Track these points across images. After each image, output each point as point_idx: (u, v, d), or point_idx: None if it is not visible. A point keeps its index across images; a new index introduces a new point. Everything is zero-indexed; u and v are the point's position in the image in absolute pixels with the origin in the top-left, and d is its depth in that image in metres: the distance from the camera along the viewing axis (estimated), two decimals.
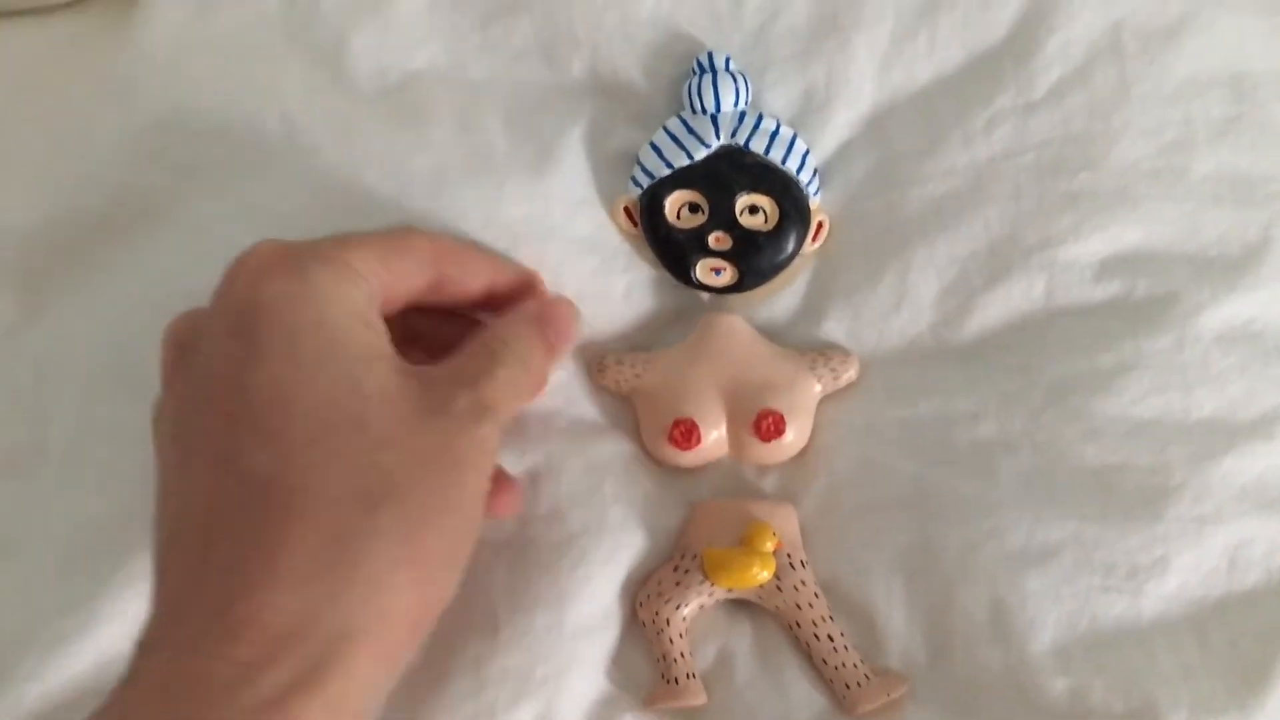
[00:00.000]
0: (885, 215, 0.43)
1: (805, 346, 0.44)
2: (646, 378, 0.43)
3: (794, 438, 0.42)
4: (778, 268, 0.43)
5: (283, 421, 0.29)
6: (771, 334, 0.44)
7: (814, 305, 0.44)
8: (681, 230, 0.42)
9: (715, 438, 0.42)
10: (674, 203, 0.43)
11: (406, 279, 0.34)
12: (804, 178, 0.43)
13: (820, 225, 0.43)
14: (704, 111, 0.42)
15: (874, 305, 0.43)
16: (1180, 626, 0.38)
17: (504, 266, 0.39)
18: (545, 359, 0.35)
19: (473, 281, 0.37)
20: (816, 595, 0.41)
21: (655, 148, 0.43)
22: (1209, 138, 0.42)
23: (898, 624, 0.40)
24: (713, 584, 0.40)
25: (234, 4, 0.45)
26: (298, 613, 0.27)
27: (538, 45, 0.44)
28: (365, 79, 0.44)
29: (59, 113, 0.47)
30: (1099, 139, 0.42)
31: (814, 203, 0.43)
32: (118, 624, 0.36)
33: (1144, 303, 0.41)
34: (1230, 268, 0.41)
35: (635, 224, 0.43)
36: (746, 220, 0.42)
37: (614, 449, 0.43)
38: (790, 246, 0.42)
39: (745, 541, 0.41)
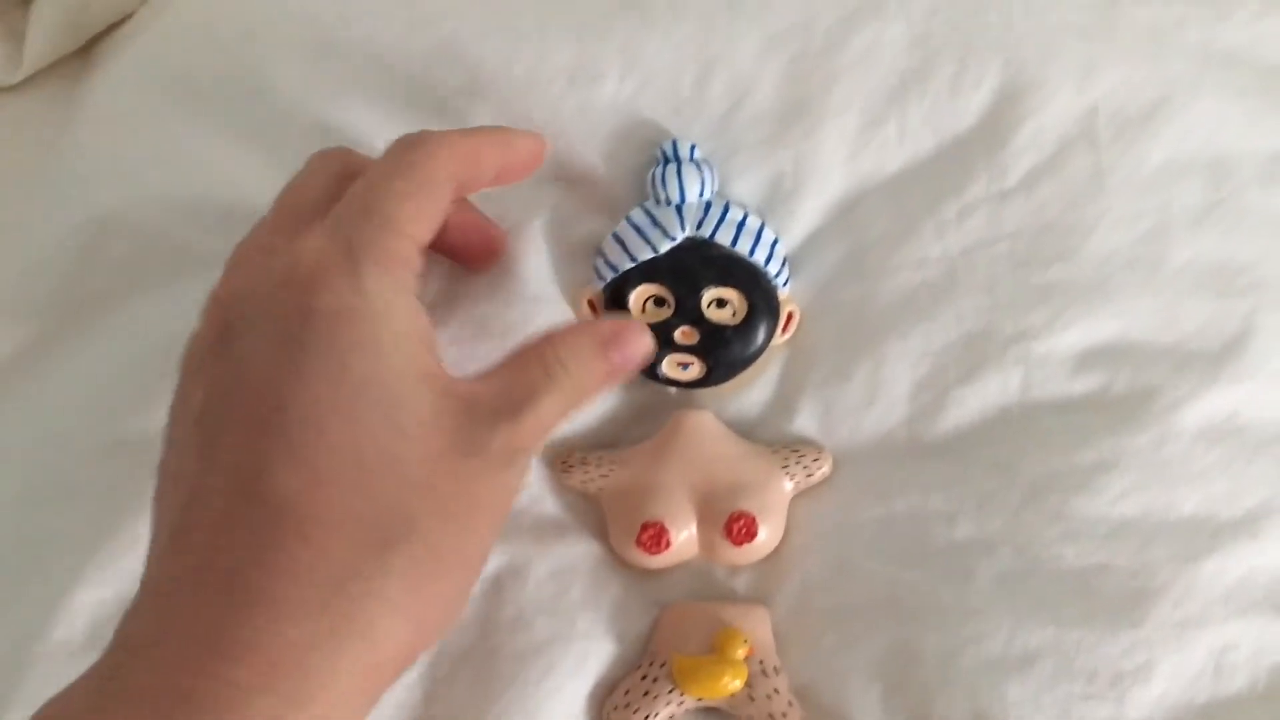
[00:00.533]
0: (857, 307, 0.42)
1: (777, 443, 0.43)
2: (614, 477, 0.42)
3: (766, 538, 0.41)
4: (746, 361, 0.42)
5: (315, 448, 0.28)
6: (743, 429, 0.43)
7: (785, 399, 0.43)
8: (646, 325, 0.39)
9: (685, 538, 0.41)
10: (638, 296, 0.41)
11: (439, 216, 0.33)
12: (773, 269, 0.41)
13: (790, 316, 0.42)
14: (668, 202, 0.41)
15: (846, 399, 0.42)
16: None
17: (511, 143, 0.37)
18: (601, 384, 0.34)
19: (486, 175, 0.36)
20: (790, 704, 0.39)
21: (618, 239, 0.41)
22: (1187, 225, 0.41)
23: None
24: (682, 693, 0.39)
25: (177, 84, 0.44)
26: (297, 643, 0.27)
27: None
28: None
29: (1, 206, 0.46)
30: (1074, 228, 0.41)
31: (783, 293, 0.42)
32: None
33: (1123, 397, 0.40)
34: (1211, 360, 0.40)
35: (598, 317, 0.42)
36: (713, 314, 0.41)
37: (581, 550, 0.41)
38: (759, 340, 0.41)
39: (715, 648, 0.39)
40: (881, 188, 0.42)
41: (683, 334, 0.41)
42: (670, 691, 0.39)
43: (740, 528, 0.41)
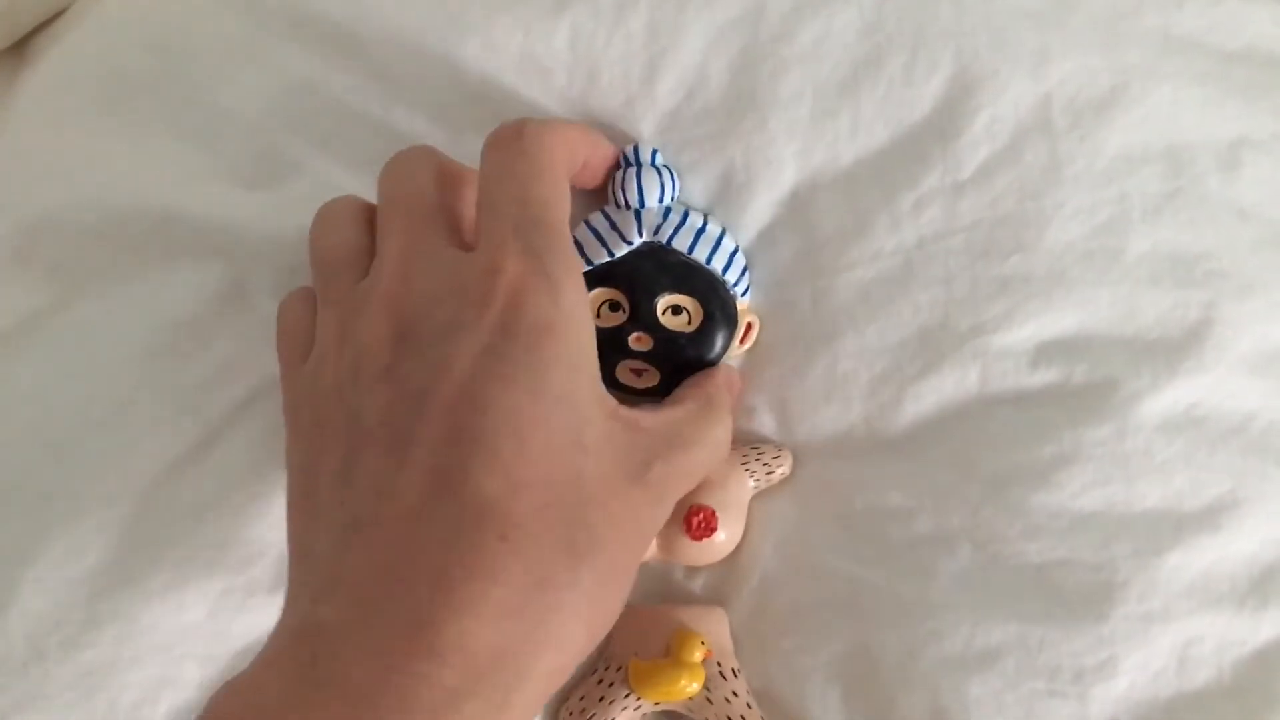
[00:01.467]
0: (812, 303, 0.41)
1: (737, 441, 0.42)
2: None
3: (726, 536, 0.41)
4: (701, 370, 0.41)
5: (515, 453, 0.29)
6: None
7: (743, 398, 0.42)
8: (601, 329, 0.39)
9: None
10: (593, 300, 0.40)
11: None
12: (731, 277, 0.40)
13: (750, 326, 0.41)
14: (628, 206, 0.40)
15: (803, 397, 0.41)
16: None
17: (598, 142, 0.40)
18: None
19: (575, 170, 0.38)
20: (749, 706, 0.39)
21: (576, 243, 0.40)
22: (1145, 215, 0.40)
23: None
24: (639, 697, 0.39)
25: (109, 81, 0.42)
26: (496, 645, 0.28)
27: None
28: (250, 167, 0.42)
29: None
30: (1031, 220, 0.40)
31: (743, 303, 0.41)
32: None
33: (1082, 390, 0.39)
34: (1171, 351, 0.39)
35: None
36: (668, 321, 0.40)
37: None
38: (715, 348, 0.40)
39: (672, 652, 0.39)
40: (835, 181, 0.41)
41: (636, 340, 0.40)
42: (627, 696, 0.39)
43: (699, 521, 0.40)
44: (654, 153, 0.41)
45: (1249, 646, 0.37)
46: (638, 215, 0.40)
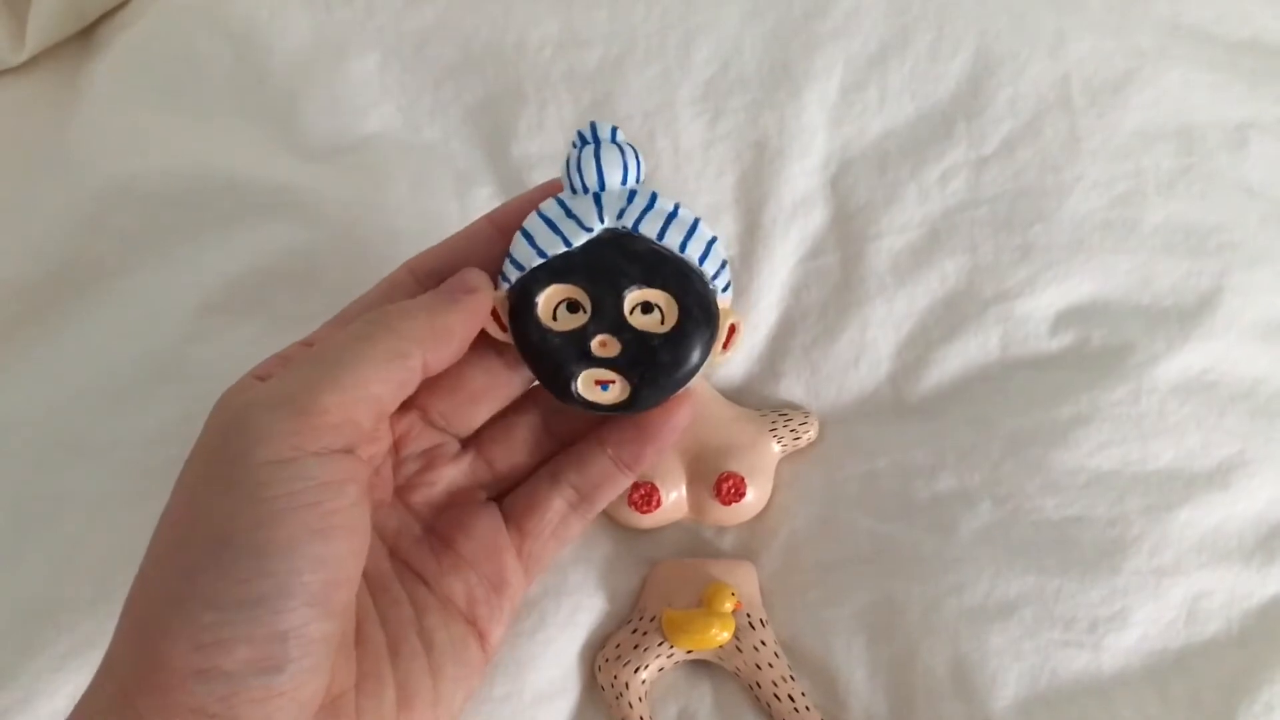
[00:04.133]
0: (841, 270, 0.43)
1: (765, 406, 0.44)
2: None
3: (754, 499, 0.42)
4: (679, 381, 0.33)
5: None
6: (731, 394, 0.44)
7: (772, 364, 0.44)
8: (557, 333, 0.33)
9: (675, 499, 0.42)
10: (548, 300, 0.33)
11: None
12: (709, 268, 0.33)
13: (733, 329, 0.34)
14: (585, 190, 0.33)
15: (832, 361, 0.43)
16: (1141, 680, 0.38)
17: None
18: None
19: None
20: (777, 655, 0.40)
21: (526, 234, 0.33)
22: (1159, 189, 0.42)
23: (859, 683, 0.39)
24: (672, 646, 0.40)
25: (182, 66, 0.45)
26: None
27: (489, 102, 0.44)
28: (317, 140, 0.44)
29: (5, 182, 0.47)
30: (1051, 192, 0.42)
31: (723, 300, 0.34)
32: (59, 700, 0.35)
33: (1099, 354, 0.41)
34: (1184, 317, 0.41)
35: (504, 328, 0.34)
36: (638, 320, 0.33)
37: None
38: (694, 353, 0.33)
39: (704, 602, 0.40)
40: (864, 153, 0.43)
41: (600, 344, 0.33)
42: (660, 644, 0.40)
43: (729, 487, 0.41)
44: (613, 129, 0.34)
45: (1256, 600, 0.39)
46: (598, 199, 0.33)
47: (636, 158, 0.34)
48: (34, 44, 0.52)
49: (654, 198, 0.33)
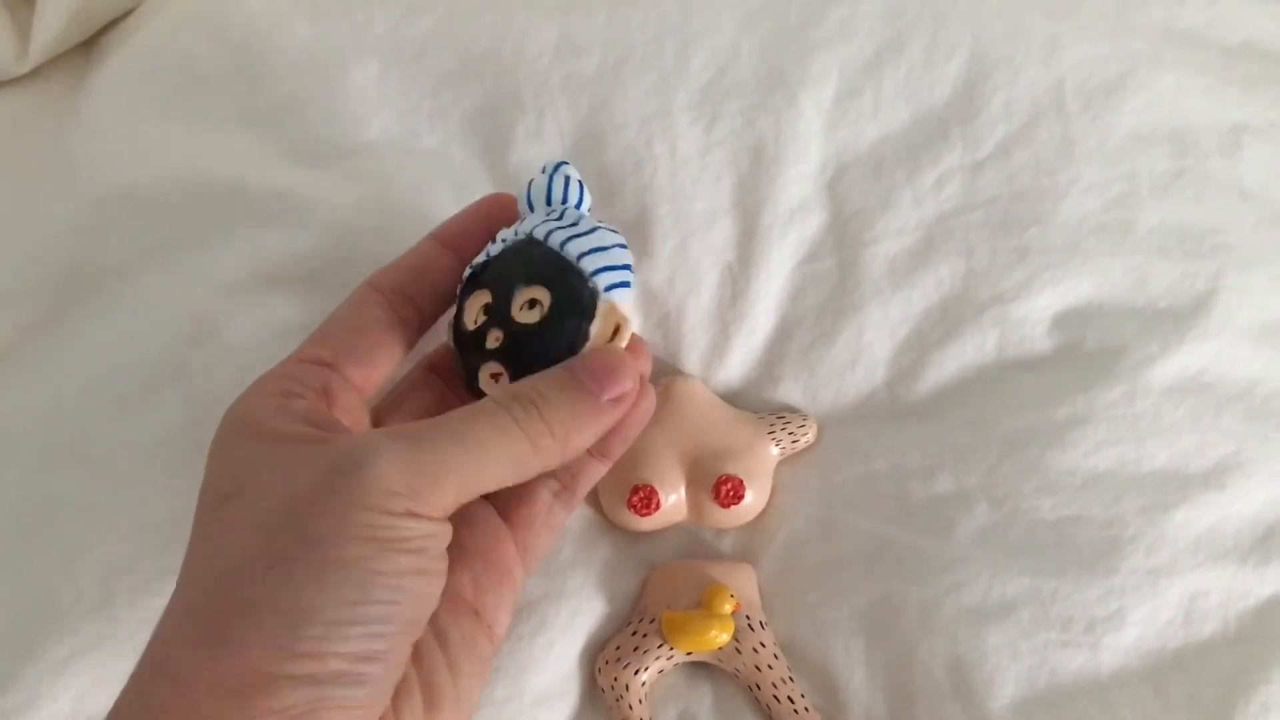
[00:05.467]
0: (838, 274, 0.43)
1: (763, 409, 0.44)
2: None
3: (753, 502, 0.42)
4: (546, 365, 0.34)
5: None
6: (729, 397, 0.44)
7: (770, 367, 0.44)
8: (469, 333, 0.34)
9: (674, 502, 0.42)
10: (471, 305, 0.35)
11: None
12: (589, 265, 0.34)
13: (618, 327, 0.34)
14: (531, 211, 0.36)
15: (830, 364, 0.43)
16: (1139, 680, 0.38)
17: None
18: None
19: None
20: (776, 656, 0.40)
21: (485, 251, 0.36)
22: (1154, 192, 0.42)
23: (858, 684, 0.40)
24: (671, 647, 0.40)
25: (182, 75, 0.45)
26: None
27: (487, 109, 0.45)
28: (317, 148, 0.44)
29: (7, 191, 0.47)
30: (1046, 195, 0.42)
31: (614, 301, 0.34)
32: (62, 703, 0.36)
33: (1095, 356, 0.41)
34: (1179, 319, 0.41)
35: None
36: (522, 315, 0.33)
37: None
38: (561, 341, 0.33)
39: (703, 604, 0.41)
40: (860, 158, 0.43)
41: (494, 338, 0.34)
42: (660, 646, 0.40)
43: (728, 490, 0.42)
44: (559, 165, 0.36)
45: (1253, 600, 0.39)
46: (523, 217, 0.36)
47: (581, 189, 0.36)
48: (38, 54, 0.52)
49: (579, 219, 0.35)
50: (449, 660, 0.31)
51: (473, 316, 0.34)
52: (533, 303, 0.34)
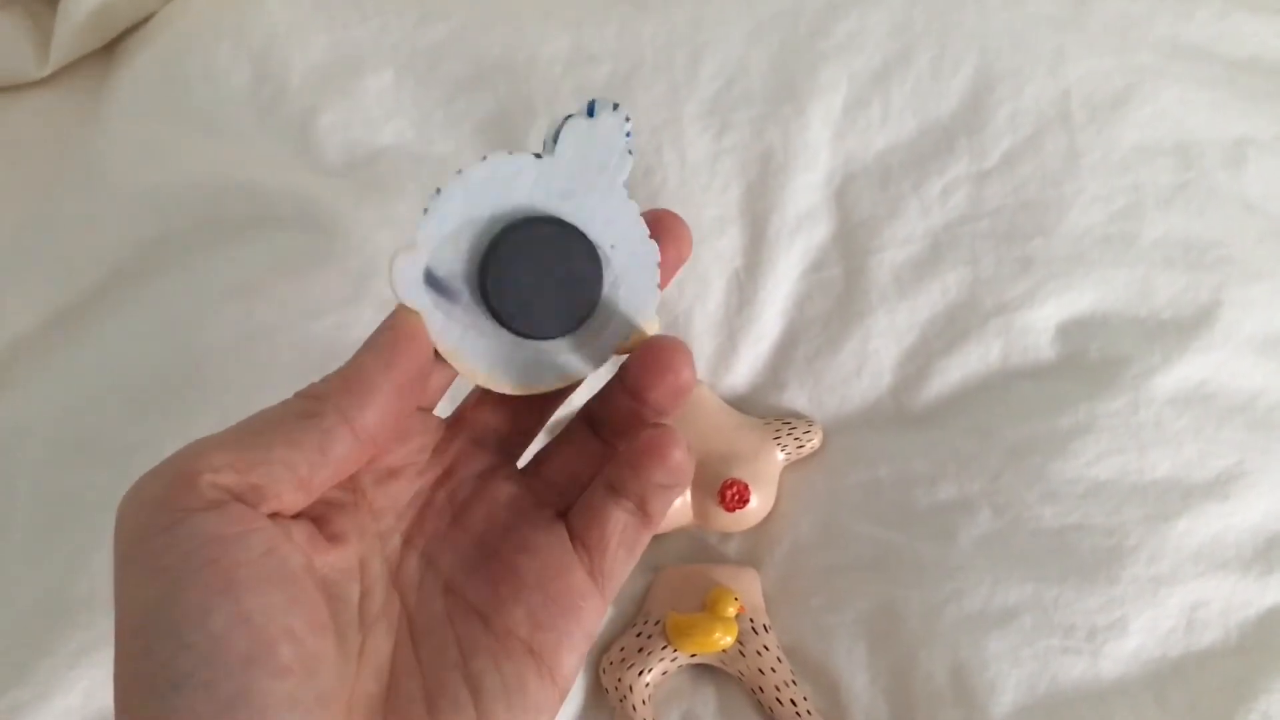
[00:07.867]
0: (845, 282, 0.44)
1: (770, 415, 0.44)
2: None
3: (758, 506, 0.43)
4: None
5: None
6: (736, 402, 0.45)
7: (776, 374, 0.45)
8: None
9: (680, 506, 0.43)
10: None
11: None
12: None
13: None
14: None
15: (835, 371, 0.44)
16: (1139, 687, 0.38)
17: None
18: None
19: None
20: (780, 660, 0.41)
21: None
22: (1158, 204, 0.43)
23: (861, 688, 0.40)
24: (676, 649, 0.41)
25: (202, 81, 0.46)
26: None
27: (500, 117, 0.45)
28: (333, 154, 0.45)
29: (29, 193, 0.48)
30: (1051, 206, 0.43)
31: None
32: (74, 696, 0.36)
33: (1098, 365, 0.42)
34: (1183, 330, 0.42)
35: None
36: None
37: None
38: None
39: (708, 607, 0.41)
40: (867, 168, 0.44)
41: None
42: (664, 648, 0.41)
43: (733, 494, 0.42)
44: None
45: (1254, 609, 0.39)
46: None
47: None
48: (57, 58, 0.53)
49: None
50: (480, 710, 0.26)
51: None
52: None
